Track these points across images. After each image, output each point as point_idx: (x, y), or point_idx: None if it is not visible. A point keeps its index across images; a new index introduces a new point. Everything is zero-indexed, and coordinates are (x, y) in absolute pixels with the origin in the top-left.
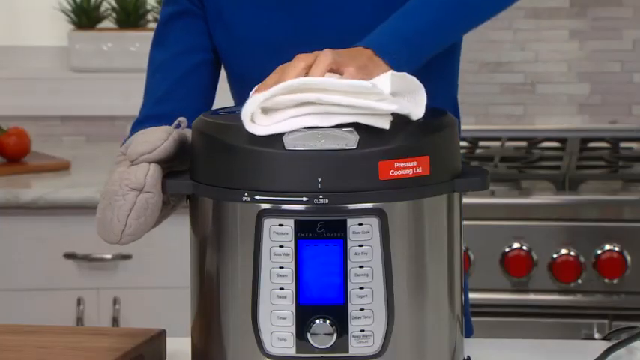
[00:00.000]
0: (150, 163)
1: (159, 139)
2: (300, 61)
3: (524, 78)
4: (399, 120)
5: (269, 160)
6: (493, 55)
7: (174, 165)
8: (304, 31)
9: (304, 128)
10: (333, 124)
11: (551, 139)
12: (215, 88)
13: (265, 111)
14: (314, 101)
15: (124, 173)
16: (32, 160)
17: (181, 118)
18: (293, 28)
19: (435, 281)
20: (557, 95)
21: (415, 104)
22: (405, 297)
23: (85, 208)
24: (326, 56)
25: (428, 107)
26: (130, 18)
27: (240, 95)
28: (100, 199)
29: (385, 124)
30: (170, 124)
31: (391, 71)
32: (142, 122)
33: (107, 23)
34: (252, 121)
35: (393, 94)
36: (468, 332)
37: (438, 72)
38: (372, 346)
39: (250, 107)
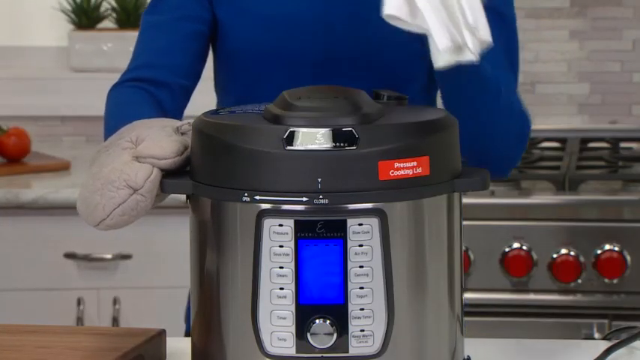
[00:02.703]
0: (154, 167)
1: (174, 151)
2: None
3: (524, 78)
4: (399, 120)
5: (269, 160)
6: None
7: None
8: (320, 4)
9: (304, 127)
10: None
11: (551, 139)
12: (204, 64)
13: None
14: None
15: (127, 167)
16: (32, 160)
17: (191, 121)
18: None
19: (435, 281)
20: (557, 95)
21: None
22: (405, 297)
23: None
24: None
25: (428, 107)
26: (130, 18)
27: (230, 72)
28: (91, 176)
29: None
30: (164, 76)
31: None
32: (135, 69)
33: (107, 23)
34: None
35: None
36: None
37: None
38: (372, 346)
39: None
